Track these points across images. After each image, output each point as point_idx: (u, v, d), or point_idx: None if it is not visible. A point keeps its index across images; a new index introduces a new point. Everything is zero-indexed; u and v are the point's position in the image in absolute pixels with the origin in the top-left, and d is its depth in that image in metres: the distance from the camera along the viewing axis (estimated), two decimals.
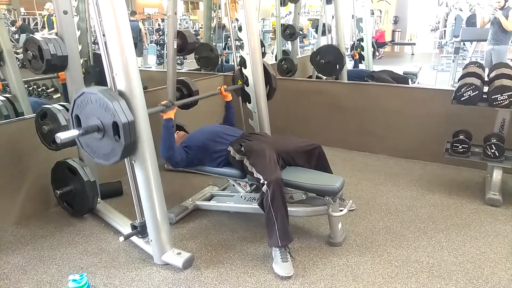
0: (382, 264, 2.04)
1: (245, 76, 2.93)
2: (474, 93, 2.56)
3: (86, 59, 3.78)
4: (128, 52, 1.83)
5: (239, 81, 2.99)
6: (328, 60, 4.42)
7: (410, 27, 14.00)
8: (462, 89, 2.59)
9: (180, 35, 3.24)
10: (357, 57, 5.59)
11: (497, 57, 5.29)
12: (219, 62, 4.91)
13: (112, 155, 1.87)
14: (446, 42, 8.98)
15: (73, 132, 1.83)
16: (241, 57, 2.93)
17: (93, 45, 4.08)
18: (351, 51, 5.87)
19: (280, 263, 1.96)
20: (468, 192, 2.81)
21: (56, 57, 2.30)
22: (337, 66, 4.42)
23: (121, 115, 1.76)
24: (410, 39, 13.61)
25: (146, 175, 1.96)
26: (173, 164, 2.35)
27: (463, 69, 3.18)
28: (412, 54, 12.08)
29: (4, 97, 2.77)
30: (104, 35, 1.83)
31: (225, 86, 2.78)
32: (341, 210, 2.17)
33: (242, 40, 2.92)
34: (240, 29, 2.95)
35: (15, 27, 9.65)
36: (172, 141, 2.27)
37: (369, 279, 1.93)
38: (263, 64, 2.95)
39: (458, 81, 2.83)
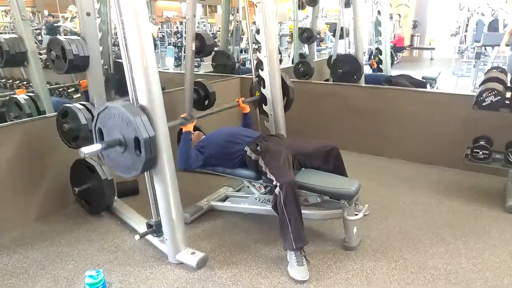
0: (398, 269, 2.01)
1: (262, 78, 2.94)
2: (496, 99, 2.50)
3: (106, 67, 3.84)
4: (150, 68, 1.87)
5: (256, 92, 3.01)
6: (345, 69, 4.40)
7: (429, 31, 13.78)
8: (484, 94, 2.53)
9: (198, 37, 3.28)
10: (375, 66, 5.53)
11: None
12: (235, 68, 4.94)
13: (133, 168, 1.91)
14: (467, 47, 8.80)
15: (96, 147, 1.90)
16: (259, 59, 2.94)
17: (113, 47, 4.15)
18: (369, 60, 5.82)
19: (295, 266, 1.95)
20: (488, 199, 2.74)
21: (79, 57, 2.35)
22: (355, 76, 4.39)
23: (143, 130, 1.80)
24: (429, 44, 13.39)
25: (163, 177, 1.99)
26: (188, 169, 2.39)
27: (485, 74, 3.10)
28: (431, 59, 11.87)
29: (28, 95, 2.85)
30: (127, 54, 1.87)
31: (243, 98, 2.83)
32: (356, 214, 2.14)
33: (259, 43, 2.93)
34: (258, 31, 2.97)
35: (46, 20, 9.96)
36: (189, 153, 2.31)
37: (384, 284, 1.90)
38: (281, 76, 2.95)
39: (480, 86, 2.77)
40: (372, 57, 5.75)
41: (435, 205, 2.70)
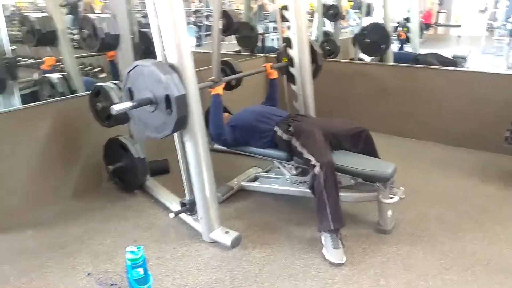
0: (436, 254, 1.97)
1: (291, 56, 2.87)
2: None
3: (132, 36, 3.80)
4: (180, 26, 1.83)
5: (283, 58, 2.94)
6: (373, 39, 4.27)
7: (456, 8, 13.19)
8: None
9: (225, 15, 3.22)
10: (404, 36, 5.33)
11: None
12: (259, 42, 4.84)
13: (164, 128, 1.88)
14: (499, 25, 8.41)
15: (126, 104, 1.84)
16: (287, 37, 2.87)
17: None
18: (396, 31, 5.61)
19: (331, 249, 1.93)
20: None
21: (109, 36, 2.35)
22: (383, 46, 4.27)
23: (174, 88, 1.76)
24: (456, 21, 12.85)
25: (196, 153, 1.99)
26: (222, 142, 2.40)
27: None
28: (459, 37, 11.42)
29: (61, 75, 2.87)
30: (155, 12, 1.83)
31: (271, 64, 2.77)
32: (391, 197, 2.11)
33: (288, 20, 2.85)
34: (286, 7, 2.88)
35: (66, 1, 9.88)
36: (220, 117, 2.32)
37: (422, 269, 1.87)
38: (310, 42, 2.87)
39: None
40: (401, 27, 5.53)
41: (470, 189, 2.63)
